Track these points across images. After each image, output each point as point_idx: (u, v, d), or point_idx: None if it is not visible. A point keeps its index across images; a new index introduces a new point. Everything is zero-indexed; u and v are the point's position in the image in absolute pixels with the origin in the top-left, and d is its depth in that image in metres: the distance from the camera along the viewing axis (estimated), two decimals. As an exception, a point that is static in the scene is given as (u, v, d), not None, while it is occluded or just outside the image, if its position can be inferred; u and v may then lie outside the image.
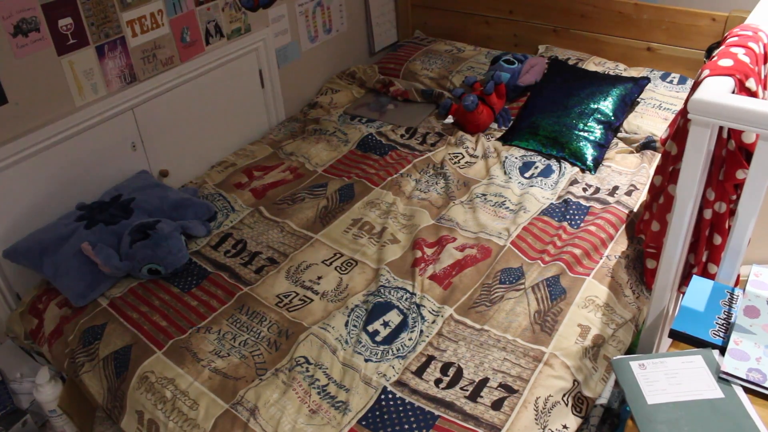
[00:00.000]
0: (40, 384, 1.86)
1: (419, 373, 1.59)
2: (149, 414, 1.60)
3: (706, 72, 1.27)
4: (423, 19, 3.37)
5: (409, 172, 2.37)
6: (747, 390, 1.13)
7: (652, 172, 2.08)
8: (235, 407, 1.54)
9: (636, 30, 2.78)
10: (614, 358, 1.28)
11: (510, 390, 1.52)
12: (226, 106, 2.58)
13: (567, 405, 1.49)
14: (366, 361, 1.63)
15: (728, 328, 1.25)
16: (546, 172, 2.32)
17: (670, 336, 1.29)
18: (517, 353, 1.61)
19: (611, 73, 2.70)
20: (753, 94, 1.29)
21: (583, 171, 2.33)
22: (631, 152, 2.42)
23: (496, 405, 1.48)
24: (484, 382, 1.55)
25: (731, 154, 1.44)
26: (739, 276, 1.48)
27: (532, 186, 2.25)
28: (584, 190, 2.21)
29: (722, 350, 1.21)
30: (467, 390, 1.53)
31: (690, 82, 2.60)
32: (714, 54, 1.36)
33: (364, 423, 1.47)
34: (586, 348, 1.62)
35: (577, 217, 2.07)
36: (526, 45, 3.09)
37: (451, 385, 1.55)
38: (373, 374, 1.59)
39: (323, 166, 2.45)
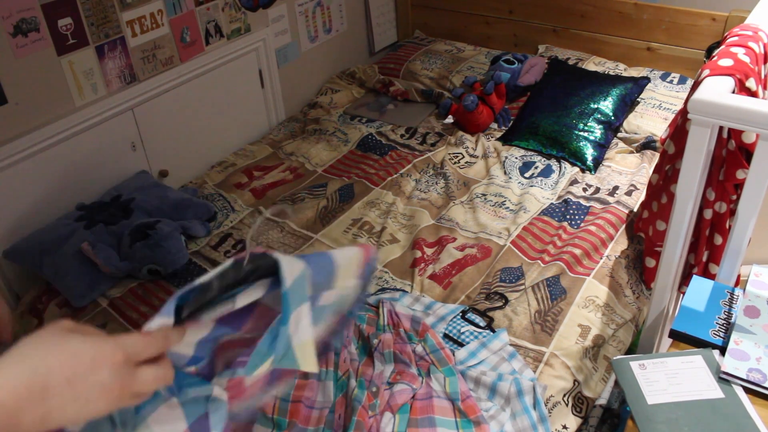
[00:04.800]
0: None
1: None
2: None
3: (706, 72, 1.27)
4: (423, 19, 3.37)
5: (409, 172, 2.37)
6: (747, 390, 1.13)
7: (652, 172, 2.08)
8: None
9: (636, 30, 2.77)
10: (614, 358, 1.28)
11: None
12: (226, 106, 2.58)
13: (567, 405, 1.49)
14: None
15: (728, 328, 1.25)
16: (546, 172, 2.32)
17: (670, 336, 1.29)
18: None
19: (611, 73, 2.70)
20: (753, 94, 1.29)
21: (583, 171, 2.32)
22: (631, 152, 2.41)
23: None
24: (484, 382, 1.54)
25: (731, 154, 1.44)
26: (739, 276, 1.48)
27: (532, 186, 2.25)
28: (584, 190, 2.21)
29: (722, 350, 1.21)
30: (467, 390, 1.53)
31: (690, 82, 2.60)
32: (714, 54, 1.36)
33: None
34: (586, 348, 1.62)
35: (577, 217, 2.07)
36: (526, 45, 3.09)
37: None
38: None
39: (323, 166, 2.45)
